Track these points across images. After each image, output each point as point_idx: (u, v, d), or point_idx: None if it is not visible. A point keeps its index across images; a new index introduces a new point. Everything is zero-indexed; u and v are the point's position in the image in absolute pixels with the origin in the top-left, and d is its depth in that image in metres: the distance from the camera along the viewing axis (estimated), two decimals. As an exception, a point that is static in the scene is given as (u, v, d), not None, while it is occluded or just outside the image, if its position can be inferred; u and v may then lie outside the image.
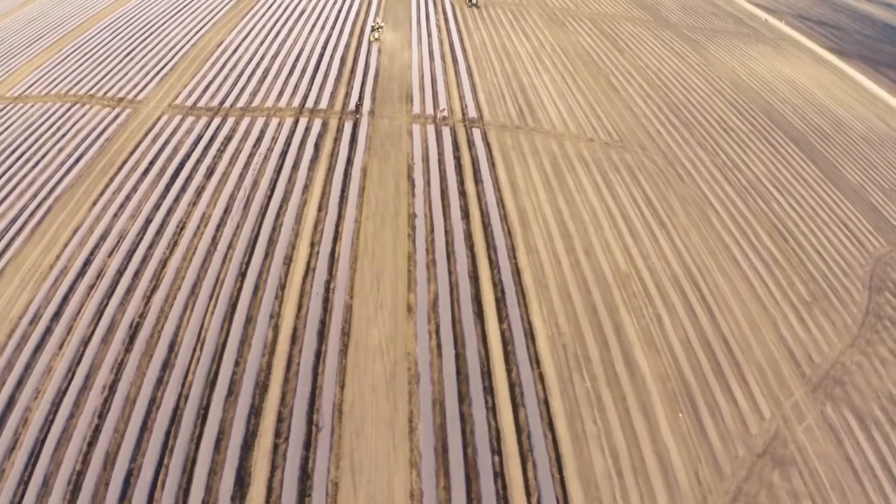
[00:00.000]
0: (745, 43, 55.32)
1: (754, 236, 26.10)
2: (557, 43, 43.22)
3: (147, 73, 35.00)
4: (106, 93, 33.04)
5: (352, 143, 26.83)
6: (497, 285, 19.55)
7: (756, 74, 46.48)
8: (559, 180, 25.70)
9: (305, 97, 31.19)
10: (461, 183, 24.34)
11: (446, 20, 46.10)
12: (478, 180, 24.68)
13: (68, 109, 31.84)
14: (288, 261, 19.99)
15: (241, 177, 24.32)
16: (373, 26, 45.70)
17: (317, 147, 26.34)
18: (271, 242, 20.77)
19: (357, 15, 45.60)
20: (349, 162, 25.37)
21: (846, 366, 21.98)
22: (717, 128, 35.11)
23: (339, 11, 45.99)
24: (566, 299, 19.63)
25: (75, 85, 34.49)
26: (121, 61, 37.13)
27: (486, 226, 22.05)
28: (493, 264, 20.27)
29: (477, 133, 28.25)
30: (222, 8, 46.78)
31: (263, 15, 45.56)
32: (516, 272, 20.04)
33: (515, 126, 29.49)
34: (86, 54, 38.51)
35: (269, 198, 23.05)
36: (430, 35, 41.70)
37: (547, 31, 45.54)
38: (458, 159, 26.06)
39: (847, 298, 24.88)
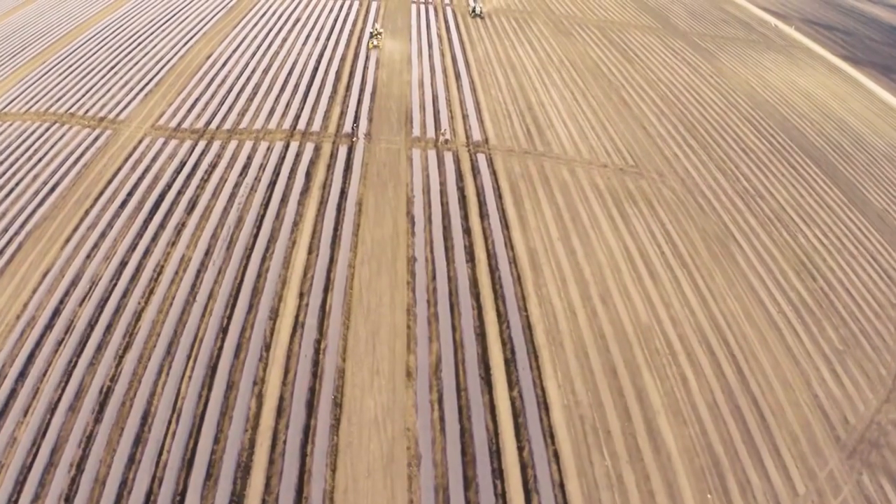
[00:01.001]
0: (757, 51, 53.35)
1: (781, 275, 24.28)
2: (565, 54, 41.26)
3: (131, 89, 33.02)
4: (87, 111, 31.04)
5: (346, 171, 24.96)
6: (506, 343, 17.74)
7: (771, 86, 44.56)
8: (572, 214, 23.85)
9: (297, 118, 29.23)
10: (465, 218, 22.49)
11: (448, 29, 44.11)
12: (483, 215, 22.83)
13: (47, 129, 29.87)
14: (274, 315, 18.16)
15: (226, 212, 22.44)
16: (371, 32, 43.74)
17: (308, 176, 24.46)
18: (256, 292, 18.93)
19: (354, 24, 43.57)
20: (343, 194, 23.48)
21: (882, 426, 20.21)
22: (736, 148, 33.22)
23: (336, 20, 43.95)
24: (583, 359, 17.83)
25: (56, 101, 32.47)
26: (105, 75, 35.11)
27: (494, 270, 20.21)
28: (502, 318, 18.45)
29: (482, 159, 26.39)
30: (214, 16, 44.75)
31: (256, 24, 43.57)
32: (528, 327, 18.23)
33: (523, 150, 27.62)
34: (70, 67, 36.46)
35: (255, 237, 21.16)
36: (430, 46, 39.72)
37: (554, 42, 43.58)
38: (461, 190, 24.19)
39: (880, 344, 23.09)
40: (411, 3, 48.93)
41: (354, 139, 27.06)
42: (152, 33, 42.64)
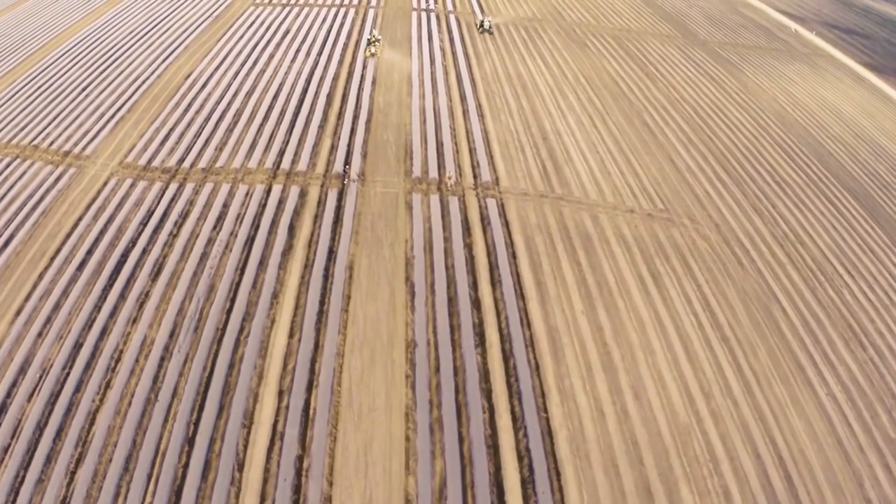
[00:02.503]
0: (781, 61, 50.01)
1: (829, 345, 21.36)
2: (580, 69, 38.02)
3: (102, 115, 29.85)
4: (52, 143, 27.87)
5: (335, 223, 22.00)
6: (523, 458, 15.01)
7: (799, 103, 41.31)
8: (597, 277, 20.87)
9: (281, 154, 25.96)
10: (474, 286, 19.62)
11: (451, 41, 40.67)
12: (496, 281, 19.96)
13: (8, 166, 26.70)
14: (248, 421, 15.37)
15: (195, 278, 19.55)
16: (369, 39, 40.44)
17: (291, 231, 21.53)
18: (227, 389, 16.11)
19: (349, 36, 40.06)
20: (331, 255, 20.51)
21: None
22: (770, 182, 30.15)
23: (329, 31, 40.47)
24: (613, 476, 15.10)
25: (21, 130, 29.15)
26: (75, 98, 31.76)
27: (508, 357, 17.39)
28: (518, 423, 15.68)
29: (492, 205, 23.43)
30: (198, 26, 41.21)
31: (242, 36, 39.93)
32: (548, 434, 15.47)
33: (539, 193, 24.60)
34: (40, 88, 33.03)
35: (228, 312, 18.25)
36: (433, 61, 36.46)
37: (567, 55, 40.30)
38: (469, 248, 21.25)
39: (942, 426, 20.43)
40: (412, 11, 45.53)
41: (346, 181, 24.16)
42: (131, 47, 39.02)
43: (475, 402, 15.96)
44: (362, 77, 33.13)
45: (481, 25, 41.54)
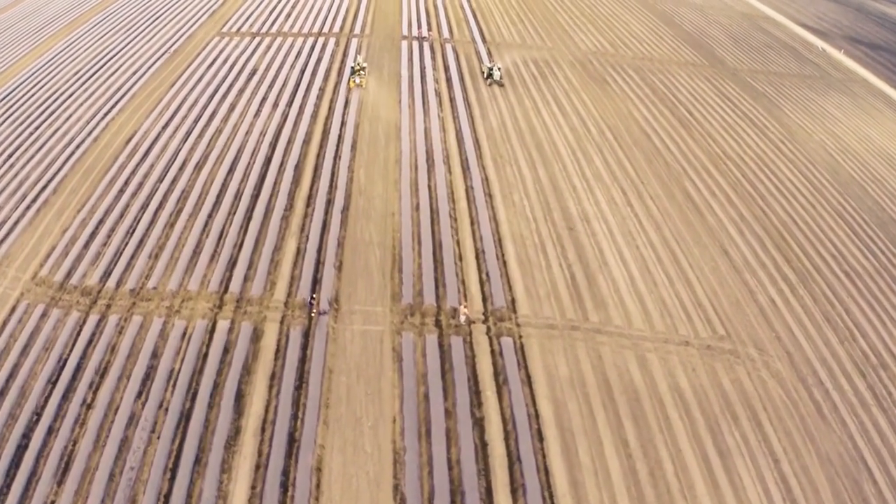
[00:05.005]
0: (817, 92, 44.44)
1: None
2: (604, 117, 31.88)
3: (23, 196, 23.22)
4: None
5: (299, 388, 15.97)
6: None
7: (849, 150, 35.61)
8: (650, 465, 14.89)
9: (232, 265, 19.70)
10: (487, 495, 14.23)
11: (448, 80, 34.46)
12: (517, 486, 14.37)
13: None
14: None
15: (111, 485, 13.87)
16: (353, 68, 34.29)
17: (239, 403, 15.58)
18: None
19: (326, 76, 33.02)
20: (292, 447, 14.64)
21: None
22: (838, 271, 24.48)
23: (303, 71, 33.80)
24: None
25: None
26: (-9, 171, 25.97)
27: None
28: None
29: (509, 349, 17.64)
30: (152, 66, 34.03)
31: (201, 79, 32.68)
32: None
33: (569, 323, 18.53)
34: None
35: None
36: (427, 110, 30.08)
37: (586, 97, 34.13)
38: (479, 425, 15.55)
39: None
40: (401, 40, 39.57)
41: (314, 313, 18.64)
42: (72, 95, 31.80)
43: None
44: (339, 137, 27.06)
45: (489, 75, 33.15)
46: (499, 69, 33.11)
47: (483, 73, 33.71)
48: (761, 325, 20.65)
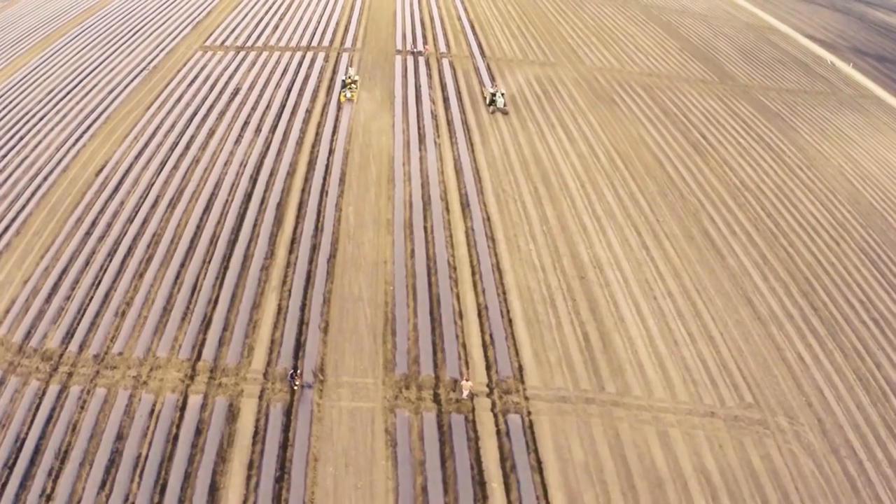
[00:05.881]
0: (830, 110, 42.60)
1: None
2: (613, 143, 29.58)
3: None
4: None
5: (279, 482, 13.85)
6: None
7: (868, 177, 33.55)
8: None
9: (205, 326, 17.44)
10: None
11: (446, 100, 31.91)
12: None
13: None
14: None
15: None
16: (344, 81, 31.96)
17: (213, 493, 13.16)
18: None
19: (314, 96, 30.49)
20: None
21: None
22: (866, 318, 22.20)
23: (289, 90, 31.07)
24: None
25: None
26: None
27: None
28: None
29: (516, 428, 15.59)
30: (129, 85, 31.53)
31: (180, 99, 30.09)
32: None
33: (584, 396, 16.46)
34: None
35: None
36: (422, 136, 27.66)
37: (594, 119, 31.94)
38: (484, 526, 13.95)
39: None
40: (395, 55, 37.31)
41: (296, 385, 16.37)
42: (43, 118, 29.29)
43: None
44: (327, 168, 24.75)
45: (492, 101, 30.32)
46: (502, 95, 30.33)
47: (485, 98, 31.04)
48: (790, 388, 18.75)
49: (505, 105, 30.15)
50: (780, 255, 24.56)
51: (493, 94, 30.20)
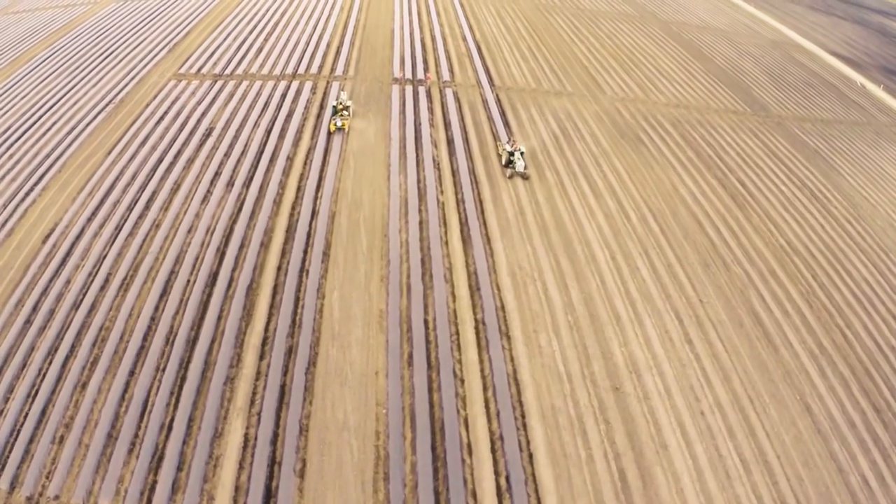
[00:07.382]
0: (868, 143, 38.65)
1: None
2: (644, 197, 25.28)
3: None
4: None
5: None
6: None
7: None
8: None
9: (154, 472, 13.70)
10: None
11: (450, 143, 27.55)
12: None
13: None
14: None
15: None
16: (335, 107, 28.12)
17: None
18: None
19: (295, 143, 26.24)
20: None
21: None
22: None
23: (269, 130, 26.95)
24: None
25: None
26: None
27: None
28: None
29: None
30: (90, 124, 27.44)
31: (144, 143, 25.88)
32: None
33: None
34: None
35: None
36: (422, 192, 23.50)
37: (620, 164, 27.53)
38: None
39: None
40: (392, 84, 33.55)
41: None
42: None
43: None
44: (308, 237, 20.66)
45: (509, 163, 25.03)
46: (521, 154, 25.05)
47: (500, 157, 25.80)
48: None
49: (526, 168, 24.85)
50: (836, 340, 20.87)
51: (511, 154, 24.95)
